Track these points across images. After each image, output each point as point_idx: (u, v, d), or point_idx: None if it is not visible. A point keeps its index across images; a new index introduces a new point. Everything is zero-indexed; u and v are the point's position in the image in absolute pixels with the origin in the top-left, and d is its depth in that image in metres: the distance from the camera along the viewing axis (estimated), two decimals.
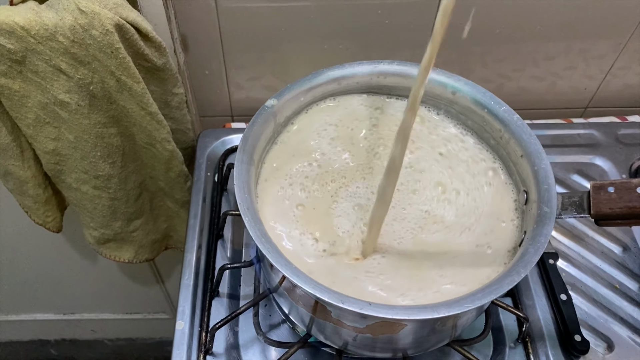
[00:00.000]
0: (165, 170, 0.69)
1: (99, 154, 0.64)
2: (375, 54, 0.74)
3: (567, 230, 0.68)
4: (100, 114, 0.61)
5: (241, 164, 0.50)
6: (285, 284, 0.51)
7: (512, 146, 0.53)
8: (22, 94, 0.59)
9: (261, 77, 0.78)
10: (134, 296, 1.13)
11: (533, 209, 0.48)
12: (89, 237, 0.78)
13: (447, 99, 0.57)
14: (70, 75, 0.57)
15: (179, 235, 0.83)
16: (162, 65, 0.61)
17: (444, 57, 0.76)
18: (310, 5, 0.68)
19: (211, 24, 0.70)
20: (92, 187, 0.68)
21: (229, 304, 0.62)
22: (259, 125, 0.53)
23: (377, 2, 0.69)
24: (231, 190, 0.71)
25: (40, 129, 0.62)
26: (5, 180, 0.69)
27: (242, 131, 0.76)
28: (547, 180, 0.48)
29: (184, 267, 0.62)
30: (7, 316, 1.21)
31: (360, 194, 0.55)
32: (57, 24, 0.53)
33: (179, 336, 0.58)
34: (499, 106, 0.54)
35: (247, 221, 0.46)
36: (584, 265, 0.65)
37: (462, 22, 0.70)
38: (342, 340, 0.51)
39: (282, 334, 0.60)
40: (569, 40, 0.75)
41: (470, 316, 0.51)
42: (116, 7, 0.54)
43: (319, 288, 0.43)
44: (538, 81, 0.82)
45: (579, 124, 0.79)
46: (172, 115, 0.68)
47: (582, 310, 0.61)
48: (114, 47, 0.54)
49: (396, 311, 0.42)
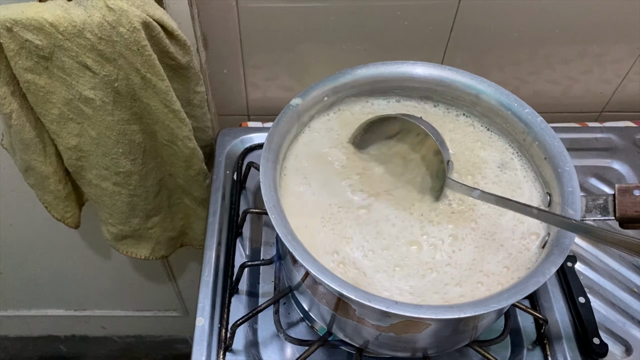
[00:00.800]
0: (185, 167, 0.69)
1: (120, 150, 0.65)
2: (393, 56, 0.75)
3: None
4: (123, 111, 0.61)
5: (267, 161, 0.50)
6: (307, 281, 0.51)
7: (536, 148, 0.53)
8: (47, 89, 0.59)
9: (278, 77, 0.79)
10: (146, 293, 1.13)
11: (556, 211, 0.49)
12: (106, 233, 0.78)
13: (469, 100, 0.57)
14: (96, 72, 0.57)
15: (195, 232, 0.83)
16: (185, 64, 0.61)
17: (460, 59, 0.76)
18: (330, 6, 0.69)
19: (231, 23, 0.71)
20: (112, 184, 0.68)
21: (248, 302, 0.62)
22: (283, 123, 0.53)
23: (397, 3, 0.69)
24: (250, 188, 0.71)
25: (63, 125, 0.63)
26: (27, 175, 0.69)
27: (261, 130, 0.77)
28: (572, 183, 0.49)
29: (203, 264, 0.63)
30: (18, 311, 1.21)
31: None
32: (85, 21, 0.54)
33: (199, 333, 0.58)
34: (523, 108, 0.54)
35: (273, 218, 0.46)
36: (602, 268, 0.65)
37: (481, 23, 0.71)
38: (363, 339, 0.52)
39: (300, 332, 0.60)
40: (585, 44, 0.75)
41: (492, 317, 0.52)
42: (143, 5, 0.55)
43: (345, 286, 0.43)
44: (554, 85, 0.82)
45: (595, 128, 0.79)
46: (194, 114, 0.68)
47: (600, 314, 0.61)
48: (140, 45, 0.55)
49: (423, 310, 0.42)
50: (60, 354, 1.39)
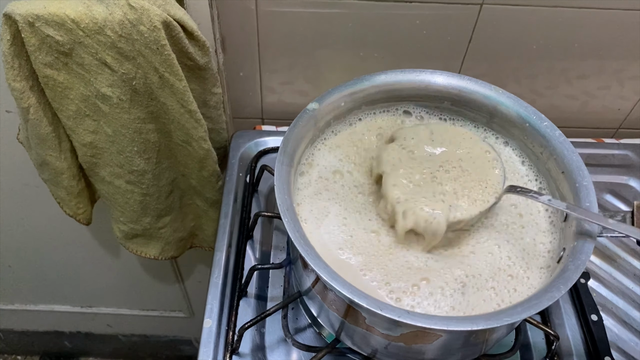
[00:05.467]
0: (199, 168, 0.69)
1: (135, 149, 0.65)
2: (410, 64, 0.75)
3: (598, 251, 0.67)
4: (140, 110, 0.62)
5: (281, 165, 0.50)
6: (317, 286, 0.51)
7: (553, 162, 0.52)
8: (65, 85, 0.59)
9: (293, 82, 0.79)
10: (153, 293, 1.13)
11: (573, 226, 0.48)
12: (117, 232, 0.78)
13: (487, 111, 0.57)
14: (115, 70, 0.58)
15: (205, 234, 0.83)
16: (204, 65, 0.61)
17: (477, 70, 0.76)
18: (349, 12, 0.69)
19: (250, 26, 0.71)
20: (125, 182, 0.68)
21: (256, 305, 0.62)
22: (300, 128, 0.53)
23: (416, 12, 0.69)
24: (262, 191, 0.71)
25: (80, 121, 0.63)
26: (42, 170, 0.69)
27: (275, 134, 0.77)
28: (589, 198, 0.48)
29: (213, 265, 0.63)
30: (25, 306, 1.22)
31: None
32: (106, 18, 0.54)
33: (207, 334, 0.58)
34: (541, 121, 0.54)
35: (286, 222, 0.46)
36: (615, 286, 0.64)
37: (500, 35, 0.71)
38: (372, 348, 0.51)
39: (307, 338, 0.60)
40: (604, 59, 0.74)
41: (503, 331, 0.51)
42: (165, 4, 0.55)
43: (357, 293, 0.43)
44: (571, 99, 0.81)
45: (612, 145, 0.78)
46: (209, 115, 0.68)
47: (612, 332, 0.60)
48: (160, 44, 0.55)
49: (434, 321, 0.42)
50: (65, 349, 1.39)
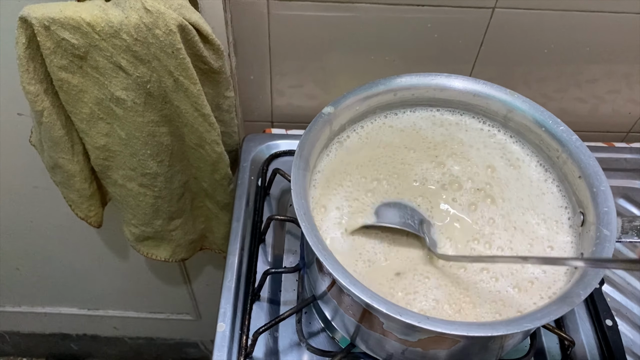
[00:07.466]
0: (211, 171, 0.69)
1: (148, 152, 0.65)
2: (421, 68, 0.74)
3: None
4: (153, 113, 0.62)
5: (298, 169, 0.50)
6: (333, 291, 0.51)
7: (570, 166, 0.52)
8: (79, 88, 0.59)
9: (304, 85, 0.79)
10: (160, 295, 1.13)
11: (591, 231, 0.48)
12: (128, 234, 0.78)
13: (502, 115, 0.57)
14: (129, 73, 0.57)
15: (215, 237, 0.83)
16: (218, 68, 0.61)
17: (487, 73, 0.76)
18: (360, 16, 0.69)
19: (261, 30, 0.71)
20: (137, 185, 0.68)
21: (269, 309, 0.62)
22: (315, 132, 0.53)
23: (428, 16, 0.69)
24: (274, 194, 0.71)
25: (93, 124, 0.63)
26: (54, 173, 0.69)
27: (286, 137, 0.77)
28: (607, 203, 0.48)
29: (226, 269, 0.62)
30: (32, 308, 1.22)
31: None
32: (122, 22, 0.54)
33: (220, 338, 0.57)
34: (558, 126, 0.53)
35: (304, 226, 0.46)
36: (630, 291, 0.64)
37: (511, 39, 0.71)
38: (387, 353, 0.51)
39: (320, 342, 0.60)
40: (614, 63, 0.74)
41: (519, 337, 0.51)
42: (180, 8, 0.55)
43: (377, 298, 0.43)
44: (581, 103, 0.81)
45: (623, 149, 0.78)
46: (222, 118, 0.68)
47: (627, 338, 0.60)
48: (175, 48, 0.55)
49: (455, 327, 0.41)
50: (71, 352, 1.39)
